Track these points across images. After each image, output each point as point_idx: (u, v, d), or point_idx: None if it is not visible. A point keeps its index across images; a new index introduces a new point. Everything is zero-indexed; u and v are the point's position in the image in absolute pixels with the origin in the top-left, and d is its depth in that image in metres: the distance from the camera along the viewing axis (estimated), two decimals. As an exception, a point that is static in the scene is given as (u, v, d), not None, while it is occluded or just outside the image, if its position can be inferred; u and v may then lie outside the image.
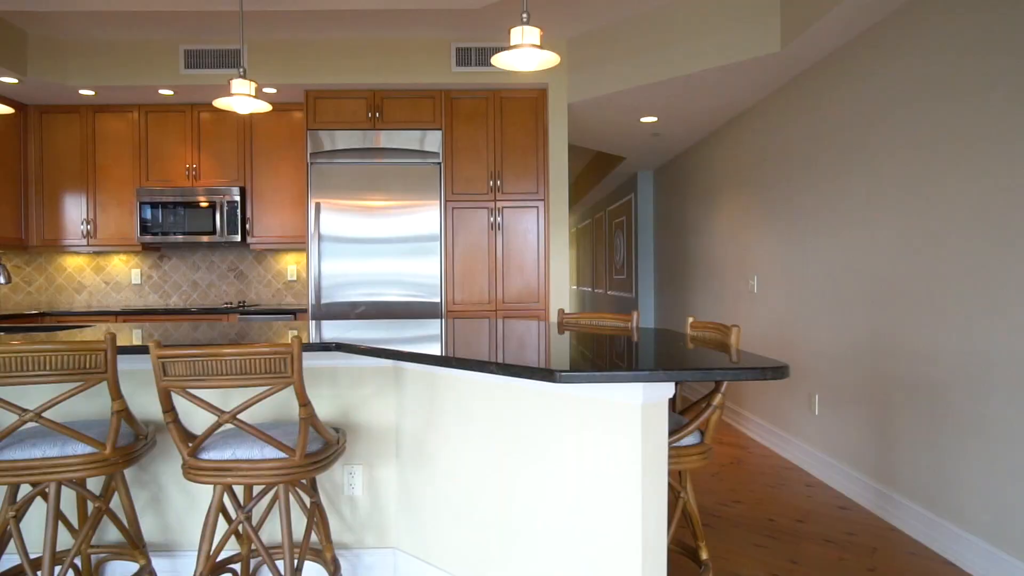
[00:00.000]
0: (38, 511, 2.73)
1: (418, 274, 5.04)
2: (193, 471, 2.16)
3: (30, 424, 2.45)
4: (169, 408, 2.14)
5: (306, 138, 5.06)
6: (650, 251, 8.28)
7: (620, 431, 1.93)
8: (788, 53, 3.93)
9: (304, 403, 2.14)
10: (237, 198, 5.30)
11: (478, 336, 2.66)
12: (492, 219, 5.12)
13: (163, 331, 3.05)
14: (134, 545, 2.44)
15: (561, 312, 3.42)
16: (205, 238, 5.29)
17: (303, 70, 4.94)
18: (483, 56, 4.94)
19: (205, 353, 2.06)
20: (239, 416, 2.61)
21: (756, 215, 5.08)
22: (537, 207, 5.12)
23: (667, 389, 1.97)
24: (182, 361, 2.07)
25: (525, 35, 2.54)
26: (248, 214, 5.38)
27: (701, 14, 4.24)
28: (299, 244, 5.43)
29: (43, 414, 2.13)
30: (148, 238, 5.30)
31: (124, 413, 2.24)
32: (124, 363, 2.71)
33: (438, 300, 5.06)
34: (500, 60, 2.65)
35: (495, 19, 4.60)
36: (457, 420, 2.45)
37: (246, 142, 5.40)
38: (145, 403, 2.73)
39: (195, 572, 2.20)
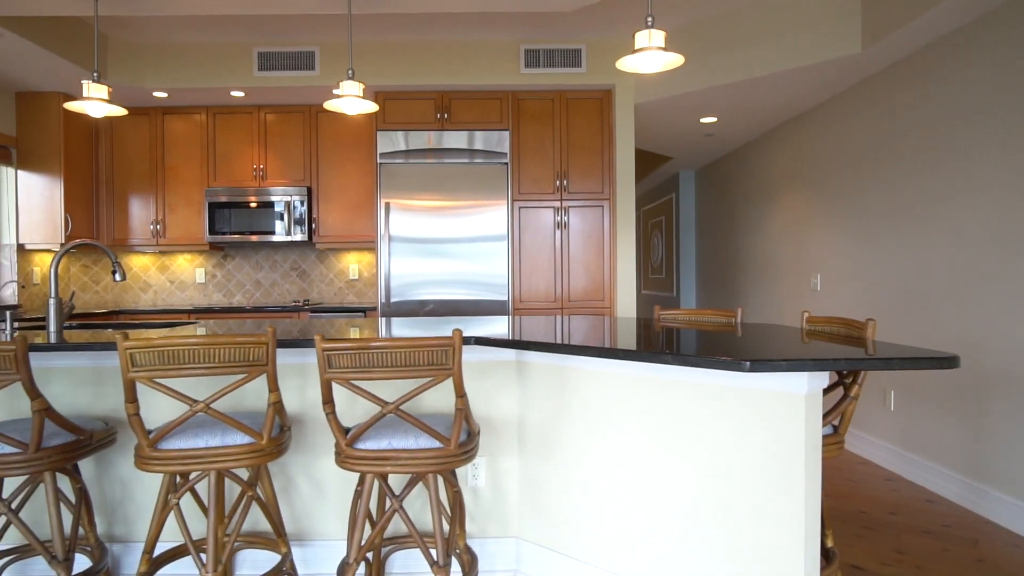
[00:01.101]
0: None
1: (485, 272, 5.11)
2: (350, 460, 2.23)
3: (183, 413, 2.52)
4: (329, 399, 2.21)
5: (375, 139, 5.14)
6: (691, 250, 8.34)
7: (783, 421, 2.00)
8: (868, 55, 3.99)
9: (461, 394, 2.21)
10: (304, 198, 5.39)
11: (591, 331, 2.73)
12: (558, 218, 5.19)
13: (260, 328, 3.13)
14: (278, 533, 2.51)
15: (657, 308, 3.48)
16: (272, 237, 5.37)
17: (373, 72, 5.02)
18: (551, 57, 5.01)
19: (370, 346, 2.13)
20: (399, 407, 2.69)
21: (819, 214, 5.14)
22: (602, 206, 5.19)
23: (823, 380, 2.04)
24: (348, 354, 2.14)
25: (652, 38, 2.61)
26: (314, 214, 5.47)
27: (776, 16, 4.31)
28: (363, 243, 5.51)
29: (207, 404, 2.21)
30: (216, 237, 5.38)
31: (279, 405, 2.31)
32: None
33: (505, 298, 5.13)
34: (626, 63, 2.72)
35: (563, 20, 4.67)
36: (591, 412, 2.52)
37: (312, 143, 5.48)
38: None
39: (347, 559, 2.28)
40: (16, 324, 4.14)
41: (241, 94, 5.18)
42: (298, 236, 5.38)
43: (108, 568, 2.74)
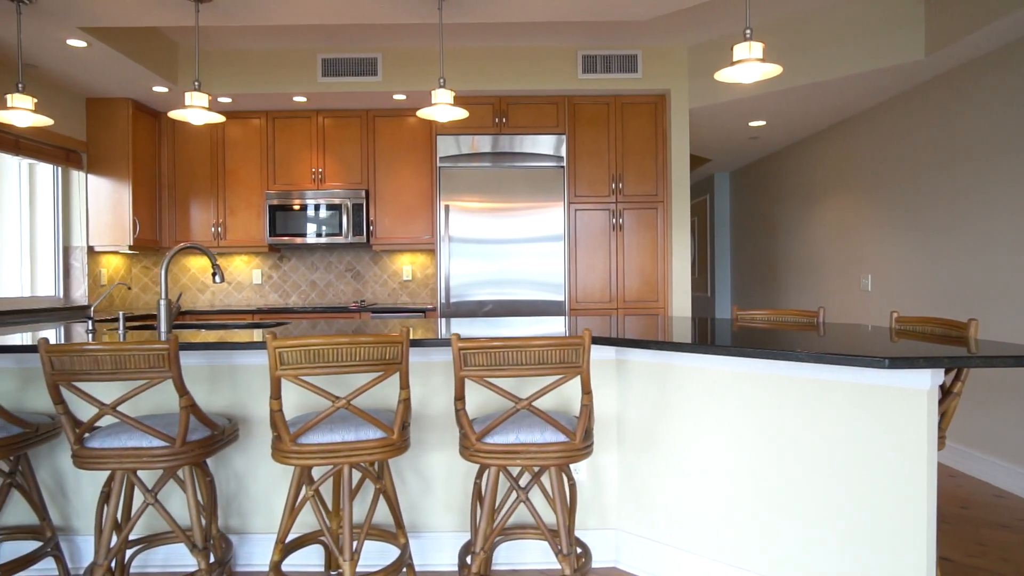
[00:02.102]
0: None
1: (542, 273, 5.22)
2: (480, 454, 2.35)
3: (318, 409, 2.64)
4: (461, 396, 2.33)
5: (435, 143, 5.26)
6: (726, 251, 8.44)
7: (904, 416, 2.11)
8: (930, 61, 4.10)
9: (588, 391, 2.32)
10: (362, 200, 5.50)
11: (686, 329, 2.83)
12: (613, 220, 5.30)
13: (337, 327, 3.24)
14: (398, 525, 2.62)
15: (735, 308, 3.59)
16: (331, 239, 5.49)
17: (431, 78, 5.13)
18: (607, 63, 5.12)
19: (505, 344, 2.24)
20: (531, 403, 2.80)
21: (870, 215, 5.24)
22: (656, 208, 5.30)
23: (939, 376, 2.15)
24: (483, 352, 2.26)
25: (752, 50, 2.72)
26: (371, 216, 5.58)
27: (837, 22, 4.41)
28: (420, 245, 5.62)
29: (347, 401, 2.32)
30: (276, 239, 5.50)
31: (408, 402, 2.42)
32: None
33: (561, 299, 5.24)
34: (724, 75, 2.83)
35: (620, 26, 4.77)
36: (695, 408, 2.63)
37: (368, 146, 5.60)
38: (381, 392, 2.92)
39: (475, 548, 2.39)
40: (126, 325, 4.26)
41: (303, 99, 5.30)
42: (356, 238, 5.50)
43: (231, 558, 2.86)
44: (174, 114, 3.42)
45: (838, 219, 5.76)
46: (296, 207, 5.50)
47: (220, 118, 3.50)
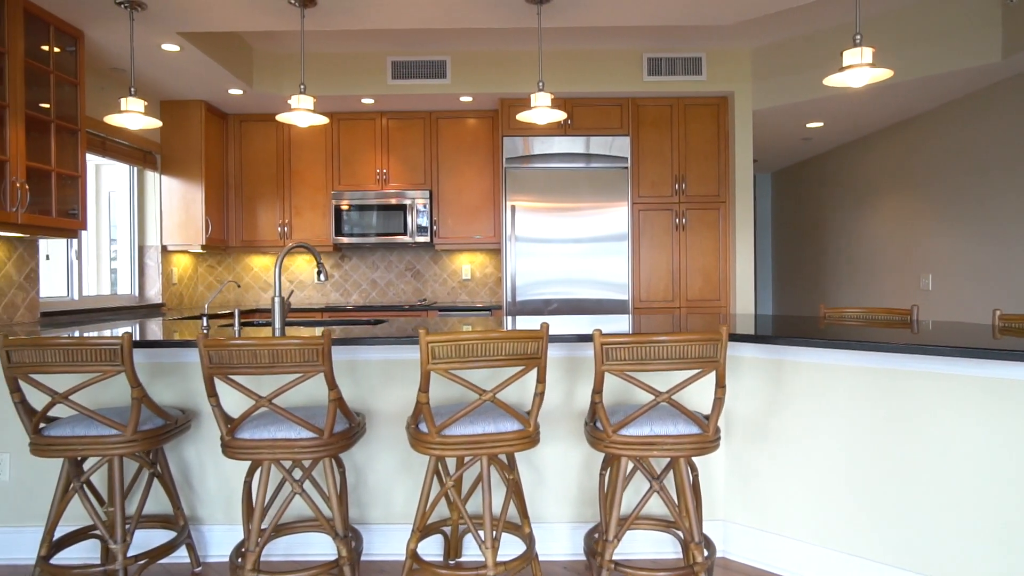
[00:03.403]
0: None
1: (606, 272, 5.31)
2: (615, 445, 2.43)
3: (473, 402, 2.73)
4: (600, 389, 2.41)
5: (501, 144, 5.34)
6: (768, 251, 8.51)
7: (1042, 408, 2.19)
8: (1007, 63, 4.16)
9: (723, 384, 2.40)
10: (426, 201, 5.60)
11: (795, 326, 2.91)
12: (675, 220, 5.38)
13: (429, 325, 3.33)
14: (523, 515, 2.71)
15: (822, 306, 3.67)
16: (396, 239, 5.59)
17: (498, 80, 5.22)
18: (672, 65, 5.20)
19: (647, 340, 2.33)
20: (672, 396, 2.89)
21: (931, 215, 5.30)
22: (718, 209, 5.38)
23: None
24: (625, 347, 2.34)
25: (863, 55, 2.80)
26: (434, 216, 5.68)
27: (909, 25, 4.48)
28: (482, 244, 5.71)
29: (493, 394, 2.41)
30: (342, 239, 5.60)
31: (543, 395, 2.51)
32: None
33: (625, 297, 5.33)
34: (834, 80, 2.91)
35: (685, 29, 4.84)
36: (809, 402, 2.71)
37: (432, 147, 5.69)
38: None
39: (609, 537, 2.47)
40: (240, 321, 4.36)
41: (371, 101, 5.39)
42: (420, 238, 5.59)
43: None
44: (281, 117, 3.51)
45: (895, 218, 5.82)
46: (362, 207, 5.60)
47: (324, 120, 3.59)
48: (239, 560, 2.58)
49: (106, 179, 5.11)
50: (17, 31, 3.32)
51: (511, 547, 2.99)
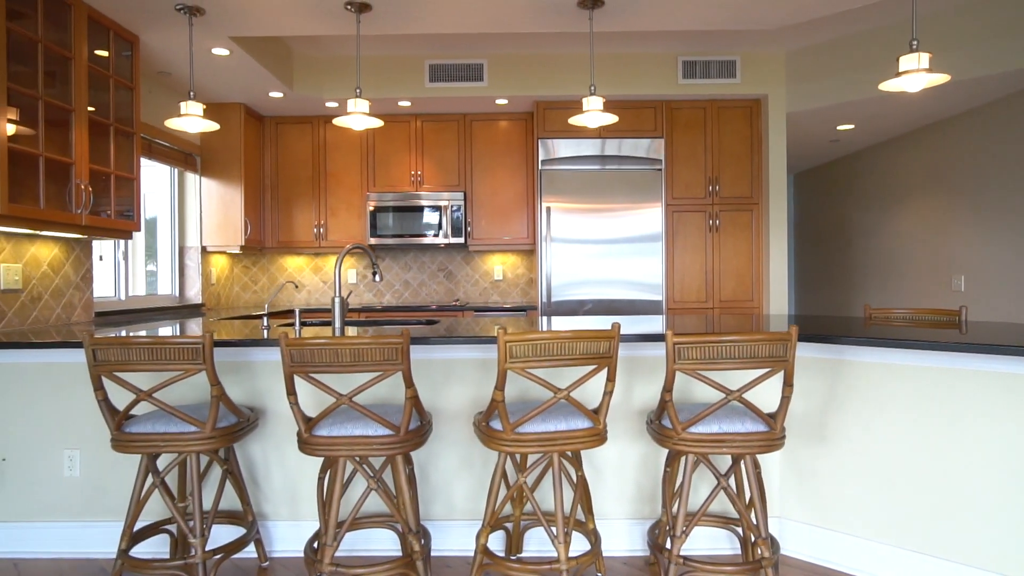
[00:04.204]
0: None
1: (640, 273, 5.36)
2: (684, 443, 2.49)
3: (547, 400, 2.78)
4: (671, 388, 2.47)
5: (536, 146, 5.40)
6: (789, 251, 8.55)
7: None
8: (1045, 66, 4.21)
9: (790, 383, 2.45)
10: (460, 202, 5.66)
11: (851, 327, 2.96)
12: (709, 222, 5.43)
13: (461, 325, 3.39)
14: (588, 511, 2.77)
15: (867, 307, 3.72)
16: (431, 240, 5.65)
17: (534, 83, 5.28)
18: (706, 68, 5.25)
19: (718, 339, 2.38)
20: (742, 395, 2.94)
21: (965, 217, 5.34)
22: (751, 211, 5.43)
23: None
24: (697, 346, 2.40)
25: (920, 61, 2.85)
26: (468, 217, 5.74)
27: (939, 28, 4.53)
28: (516, 245, 5.76)
29: (568, 392, 2.46)
30: (377, 240, 5.66)
31: (612, 393, 2.56)
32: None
33: (659, 298, 5.38)
34: (890, 85, 2.97)
35: (719, 32, 4.89)
36: (868, 401, 2.76)
37: (466, 150, 5.75)
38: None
39: (676, 533, 2.53)
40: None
41: (408, 104, 5.45)
42: (455, 239, 5.66)
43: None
44: (339, 121, 3.57)
45: (927, 220, 5.87)
46: (396, 208, 5.66)
47: (378, 123, 3.65)
48: (314, 554, 2.64)
49: (144, 181, 5.17)
50: (81, 37, 3.39)
51: (573, 543, 3.05)
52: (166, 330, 3.28)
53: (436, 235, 5.66)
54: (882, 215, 6.52)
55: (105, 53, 3.64)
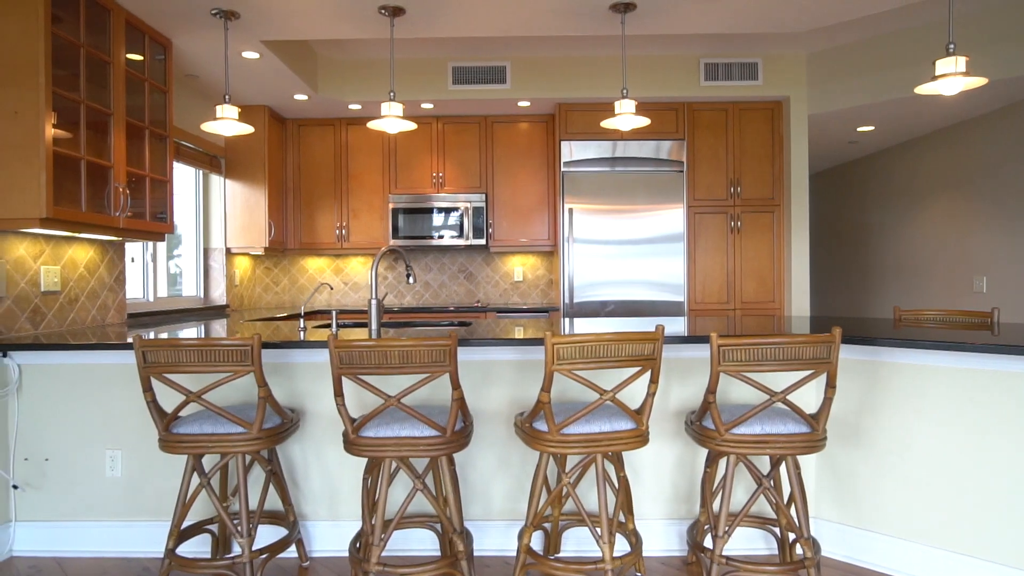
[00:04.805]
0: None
1: (662, 274, 5.38)
2: (727, 444, 2.51)
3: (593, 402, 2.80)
4: (714, 389, 2.49)
5: (557, 148, 5.43)
6: (804, 253, 8.56)
7: None
8: (1071, 69, 4.23)
9: (833, 384, 2.48)
10: (481, 204, 5.69)
11: (871, 329, 2.99)
12: (730, 223, 5.45)
13: (482, 327, 3.41)
14: (629, 511, 2.79)
15: (896, 309, 3.74)
16: (453, 241, 5.68)
17: (556, 85, 5.31)
18: (728, 71, 5.27)
19: (764, 342, 2.41)
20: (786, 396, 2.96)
21: (986, 217, 5.36)
22: (773, 212, 5.44)
23: None
24: (742, 348, 2.42)
25: (957, 64, 2.87)
26: (490, 219, 5.76)
27: (962, 30, 4.54)
28: (537, 247, 5.79)
29: (613, 394, 2.49)
30: (399, 242, 5.69)
31: (655, 395, 2.59)
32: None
33: (680, 299, 5.40)
34: (926, 88, 2.99)
35: (742, 35, 4.91)
36: (908, 402, 2.78)
37: (487, 151, 5.78)
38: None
39: (719, 533, 2.55)
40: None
41: (431, 106, 5.48)
42: (476, 240, 5.68)
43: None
44: (373, 124, 3.60)
45: (947, 221, 5.88)
46: (418, 210, 5.69)
47: (412, 125, 3.68)
48: (358, 553, 2.67)
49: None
50: (120, 42, 3.42)
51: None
52: (189, 331, 3.31)
53: (458, 236, 5.69)
54: (901, 216, 6.53)
55: (139, 57, 3.67)
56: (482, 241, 5.70)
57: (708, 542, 2.98)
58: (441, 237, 5.69)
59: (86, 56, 3.19)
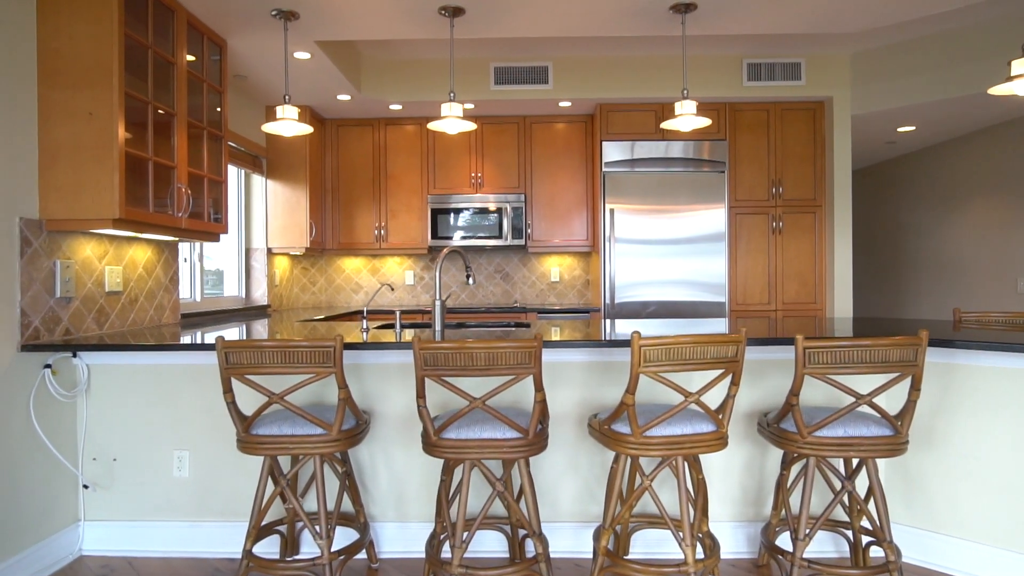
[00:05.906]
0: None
1: (703, 275, 5.37)
2: (809, 446, 2.50)
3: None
4: (797, 391, 2.48)
5: (598, 148, 5.42)
6: (833, 253, 8.53)
7: None
8: None
9: (918, 387, 2.46)
10: (521, 205, 5.68)
11: (903, 331, 2.97)
12: (772, 224, 5.43)
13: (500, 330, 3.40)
14: (704, 512, 2.78)
15: (956, 311, 3.71)
16: (491, 242, 5.67)
17: (597, 85, 5.30)
18: (771, 71, 5.25)
19: (851, 344, 2.39)
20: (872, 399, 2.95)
21: (1029, 220, 5.33)
22: (814, 213, 5.42)
23: None
24: (828, 351, 2.41)
25: (1031, 64, 2.85)
26: (528, 219, 5.76)
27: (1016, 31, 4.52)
28: (575, 247, 5.78)
29: (698, 396, 2.48)
30: (437, 242, 5.69)
31: (735, 397, 2.57)
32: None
33: (722, 300, 5.38)
34: (1000, 89, 2.97)
35: (785, 35, 4.88)
36: (985, 405, 2.76)
37: (526, 152, 5.77)
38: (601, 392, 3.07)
39: (800, 536, 2.54)
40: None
41: (471, 106, 5.48)
42: (515, 240, 5.68)
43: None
44: (433, 125, 3.60)
45: (989, 221, 5.85)
46: (457, 210, 5.69)
47: (472, 126, 3.67)
48: (435, 554, 2.66)
49: (216, 183, 5.22)
50: (182, 43, 3.43)
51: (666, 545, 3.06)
52: (235, 331, 3.31)
53: (496, 237, 5.68)
54: (940, 216, 6.50)
55: (194, 58, 3.68)
56: (521, 241, 5.70)
57: (781, 544, 2.98)
58: (480, 237, 5.69)
59: (153, 57, 3.19)
